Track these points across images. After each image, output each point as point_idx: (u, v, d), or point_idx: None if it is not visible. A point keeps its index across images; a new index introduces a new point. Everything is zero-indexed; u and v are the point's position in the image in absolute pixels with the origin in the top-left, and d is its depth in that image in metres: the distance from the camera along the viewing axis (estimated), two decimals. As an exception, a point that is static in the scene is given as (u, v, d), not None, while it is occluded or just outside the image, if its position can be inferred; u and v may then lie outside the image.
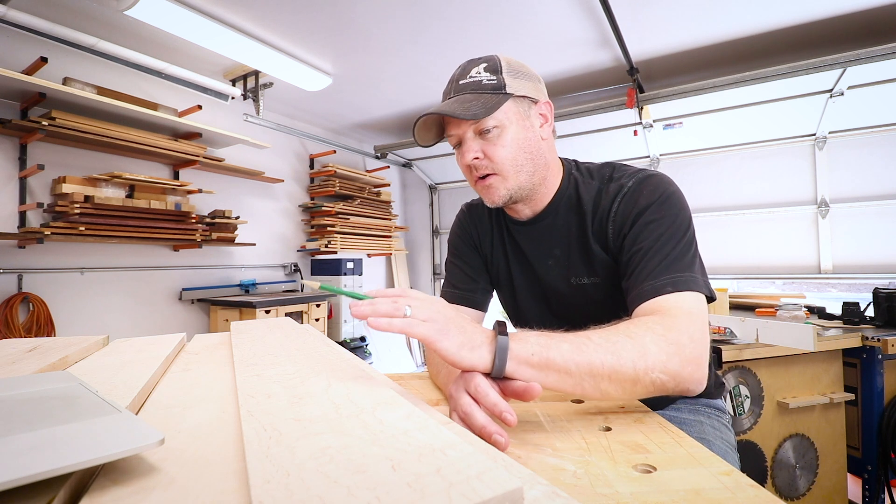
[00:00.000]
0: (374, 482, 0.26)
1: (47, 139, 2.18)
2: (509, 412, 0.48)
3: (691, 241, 0.71)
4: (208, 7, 2.12)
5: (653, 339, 0.56)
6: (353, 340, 3.43)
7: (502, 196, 0.79)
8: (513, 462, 0.34)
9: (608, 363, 0.53)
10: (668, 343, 0.56)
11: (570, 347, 0.53)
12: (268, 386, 0.46)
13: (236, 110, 3.07)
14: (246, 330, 0.81)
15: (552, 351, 0.52)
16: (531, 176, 0.79)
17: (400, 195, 4.85)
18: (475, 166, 0.77)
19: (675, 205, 0.73)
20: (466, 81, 0.76)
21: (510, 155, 0.76)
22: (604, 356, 0.53)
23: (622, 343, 0.55)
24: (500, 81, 0.75)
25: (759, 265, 3.17)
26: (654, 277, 0.66)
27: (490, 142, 0.76)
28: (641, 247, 0.71)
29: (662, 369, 0.55)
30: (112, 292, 2.51)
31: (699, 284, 0.66)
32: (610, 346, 0.54)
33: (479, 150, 0.76)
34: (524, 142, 0.77)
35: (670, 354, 0.55)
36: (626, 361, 0.54)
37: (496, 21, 2.31)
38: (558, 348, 0.53)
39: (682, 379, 0.56)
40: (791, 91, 2.70)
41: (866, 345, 1.76)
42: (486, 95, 0.74)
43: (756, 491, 0.38)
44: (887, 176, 2.78)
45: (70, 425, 0.32)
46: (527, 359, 0.51)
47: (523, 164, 0.78)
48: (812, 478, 1.75)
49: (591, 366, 0.53)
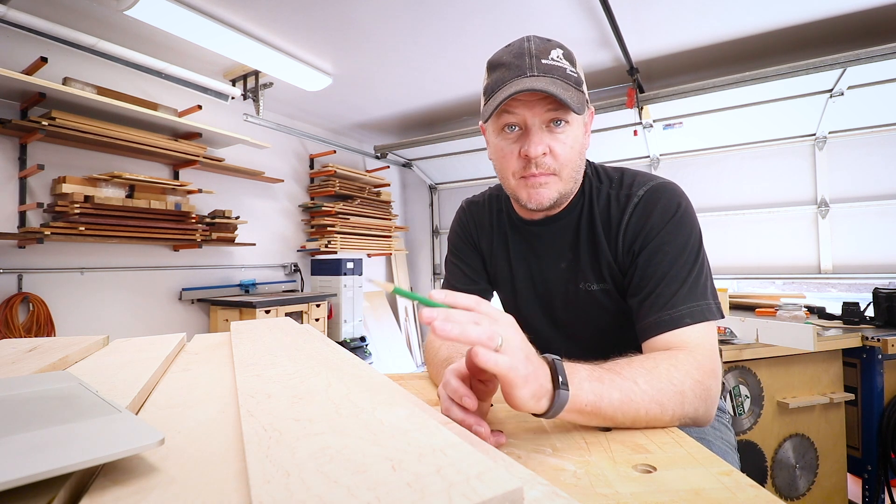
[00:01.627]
0: (374, 482, 0.26)
1: (47, 139, 2.18)
2: (467, 396, 0.48)
3: (703, 261, 0.71)
4: (208, 7, 2.12)
5: (691, 387, 0.57)
6: (353, 340, 3.43)
7: (552, 199, 0.74)
8: (513, 462, 0.34)
9: (652, 413, 0.54)
10: (702, 390, 0.58)
11: (620, 398, 0.53)
12: (268, 386, 0.46)
13: (236, 110, 3.07)
14: (246, 330, 0.81)
15: (604, 401, 0.52)
16: (576, 184, 0.77)
17: (400, 195, 4.85)
18: (539, 162, 0.71)
19: (687, 224, 0.72)
20: (551, 64, 0.69)
21: (573, 157, 0.73)
22: (650, 405, 0.54)
23: (666, 390, 0.55)
24: (579, 77, 0.71)
25: (759, 265, 3.17)
26: (672, 307, 0.67)
27: (558, 138, 0.71)
28: (656, 271, 0.70)
29: (693, 416, 0.58)
30: (112, 292, 2.51)
31: (713, 312, 0.67)
32: (655, 393, 0.55)
33: (546, 145, 0.70)
34: (580, 146, 0.74)
35: (701, 400, 0.58)
36: (667, 410, 0.55)
37: (496, 21, 2.32)
38: (609, 398, 0.52)
39: (701, 420, 0.59)
40: (791, 91, 2.70)
41: (866, 345, 1.76)
42: (573, 89, 0.69)
43: (756, 491, 0.38)
44: (887, 176, 2.78)
45: (70, 425, 0.32)
46: (580, 409, 0.51)
47: (576, 168, 0.75)
48: (812, 478, 1.75)
49: (637, 414, 0.54)
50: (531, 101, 0.69)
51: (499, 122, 0.73)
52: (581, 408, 0.51)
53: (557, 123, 0.70)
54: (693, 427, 0.61)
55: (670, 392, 0.55)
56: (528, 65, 0.69)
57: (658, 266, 0.70)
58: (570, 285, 0.83)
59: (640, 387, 0.54)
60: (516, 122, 0.71)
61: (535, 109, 0.69)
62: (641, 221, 0.74)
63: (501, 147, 0.74)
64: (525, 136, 0.71)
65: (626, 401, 0.53)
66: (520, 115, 0.70)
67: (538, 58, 0.69)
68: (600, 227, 0.79)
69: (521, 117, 0.70)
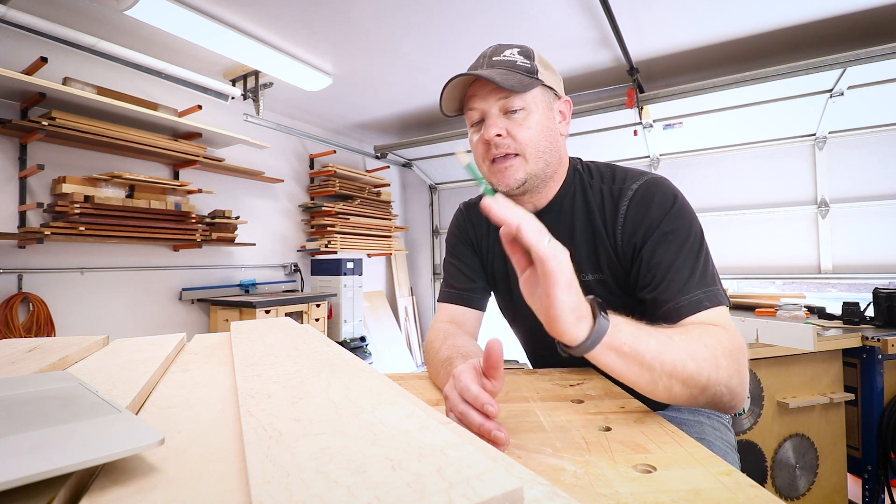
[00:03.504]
0: (374, 482, 0.26)
1: (47, 139, 2.18)
2: (490, 404, 0.48)
3: (707, 250, 0.72)
4: (208, 7, 2.12)
5: (724, 353, 0.57)
6: (353, 340, 3.43)
7: (518, 180, 0.77)
8: (513, 462, 0.34)
9: (689, 368, 0.54)
10: (733, 360, 0.58)
11: (658, 345, 0.53)
12: (268, 386, 0.46)
13: (236, 110, 3.07)
14: (246, 330, 0.81)
15: (642, 343, 0.52)
16: (547, 166, 0.79)
17: (400, 195, 4.85)
18: (496, 143, 0.75)
19: (686, 214, 0.74)
20: (500, 59, 0.76)
21: (534, 137, 0.76)
22: (686, 360, 0.54)
23: (700, 351, 0.55)
24: (533, 67, 0.76)
25: (759, 265, 3.17)
26: (688, 292, 0.67)
27: (515, 122, 0.75)
28: (663, 259, 0.71)
29: (727, 383, 0.56)
30: (112, 292, 2.51)
31: (725, 298, 0.68)
32: (691, 351, 0.55)
33: (502, 128, 0.75)
34: (547, 130, 0.77)
35: (733, 372, 0.57)
36: (703, 370, 0.54)
37: (496, 21, 2.31)
38: (647, 342, 0.52)
39: (737, 396, 0.58)
40: (791, 91, 2.70)
41: (866, 345, 1.76)
42: (520, 75, 0.74)
43: (756, 491, 0.38)
44: (887, 176, 2.78)
45: (70, 425, 0.32)
46: (618, 346, 0.51)
47: (544, 150, 0.78)
48: (812, 478, 1.75)
49: (674, 367, 0.53)
50: (484, 93, 0.76)
51: (468, 120, 0.80)
52: (619, 346, 0.50)
53: (514, 111, 0.75)
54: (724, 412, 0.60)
55: (705, 354, 0.55)
56: (480, 64, 0.78)
57: (665, 255, 0.71)
58: None
59: (674, 341, 0.54)
60: (478, 116, 0.78)
61: (489, 100, 0.75)
62: (640, 214, 0.75)
63: (472, 140, 0.81)
64: (485, 124, 0.78)
65: (664, 350, 0.53)
66: (478, 109, 0.77)
67: (490, 57, 0.77)
68: (598, 218, 0.80)
69: (479, 110, 0.77)
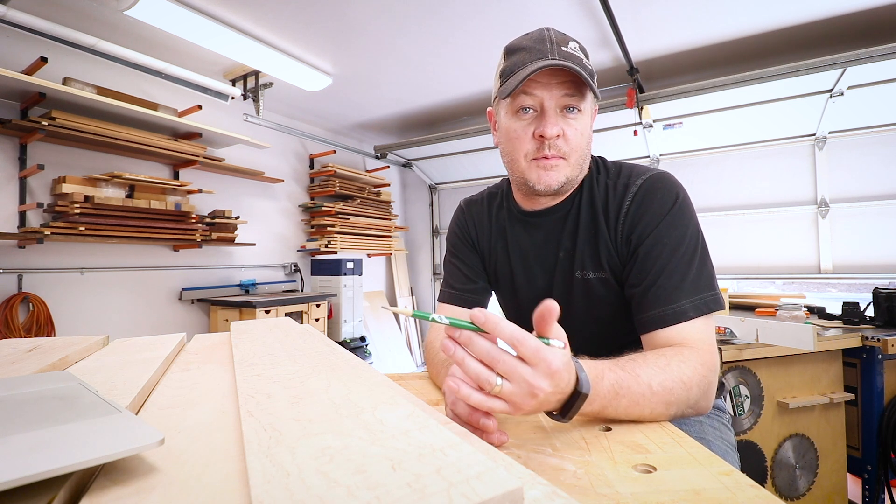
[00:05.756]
0: (374, 482, 0.26)
1: (47, 139, 2.18)
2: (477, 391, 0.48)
3: (703, 251, 0.72)
4: (208, 7, 2.12)
5: (698, 383, 0.61)
6: (353, 340, 3.43)
7: (560, 182, 0.75)
8: (513, 462, 0.34)
9: (656, 412, 0.57)
10: (706, 384, 0.62)
11: (628, 403, 0.55)
12: (268, 386, 0.46)
13: (236, 110, 3.07)
14: (246, 330, 0.81)
15: (609, 409, 0.54)
16: (582, 172, 0.79)
17: (400, 195, 4.85)
18: (552, 143, 0.73)
19: (685, 215, 0.73)
20: (570, 52, 0.71)
21: (582, 143, 0.75)
22: (654, 407, 0.56)
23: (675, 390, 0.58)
24: (592, 70, 0.74)
25: (759, 265, 3.17)
26: (675, 301, 0.68)
27: (570, 124, 0.73)
28: (655, 263, 0.71)
29: (695, 407, 0.62)
30: (112, 292, 2.51)
31: (715, 303, 0.69)
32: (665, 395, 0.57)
33: (560, 127, 0.72)
34: (589, 136, 0.77)
35: (703, 393, 0.62)
36: (671, 409, 0.58)
37: (496, 21, 2.32)
38: (616, 406, 0.54)
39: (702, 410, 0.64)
40: (791, 91, 2.70)
41: (866, 345, 1.76)
42: (586, 78, 0.71)
43: (756, 491, 0.38)
44: (887, 176, 2.78)
45: (70, 425, 0.32)
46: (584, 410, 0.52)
47: (585, 156, 0.77)
48: (812, 478, 1.75)
49: (641, 415, 0.56)
50: (549, 84, 0.71)
51: (514, 104, 0.74)
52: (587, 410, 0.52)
53: (570, 110, 0.72)
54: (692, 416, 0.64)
55: (679, 391, 0.58)
56: (550, 49, 0.71)
57: (657, 259, 0.71)
58: (567, 274, 0.83)
59: (652, 390, 0.56)
60: (532, 105, 0.73)
61: (553, 92, 0.71)
62: (640, 212, 0.75)
63: (515, 129, 0.75)
64: (541, 118, 0.72)
65: (633, 405, 0.55)
66: (537, 97, 0.72)
67: (558, 45, 0.71)
68: (601, 215, 0.79)
69: (539, 99, 0.72)
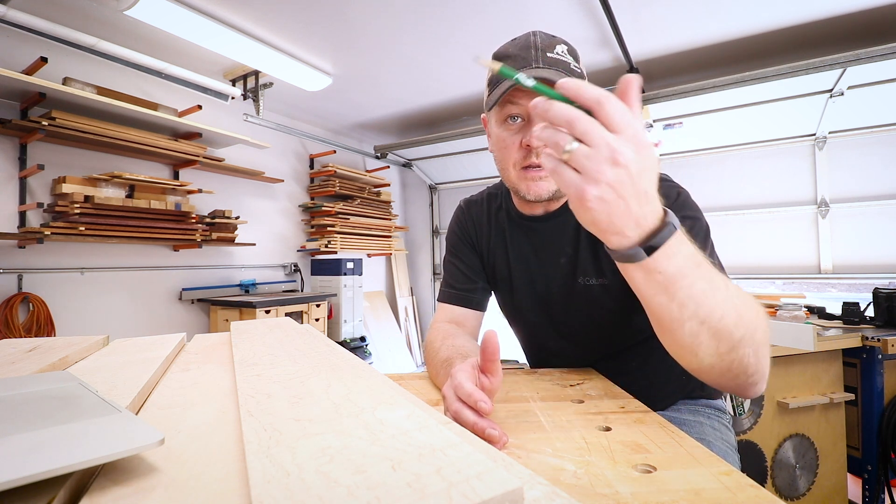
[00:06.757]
0: (374, 482, 0.26)
1: (47, 139, 2.18)
2: (483, 401, 0.48)
3: (713, 245, 0.71)
4: (208, 7, 2.12)
5: (763, 316, 0.52)
6: (353, 340, 3.43)
7: (550, 191, 0.75)
8: (513, 462, 0.34)
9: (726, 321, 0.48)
10: (765, 329, 0.53)
11: (705, 286, 0.46)
12: (268, 386, 0.46)
13: (236, 110, 3.07)
14: (246, 330, 0.81)
15: (685, 281, 0.46)
16: None
17: (400, 195, 4.85)
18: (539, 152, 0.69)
19: (691, 206, 0.73)
20: (555, 57, 0.70)
21: None
22: (726, 310, 0.48)
23: (744, 305, 0.50)
24: (582, 73, 0.72)
25: (759, 265, 3.17)
26: None
27: None
28: None
29: (756, 350, 0.51)
30: (112, 292, 2.51)
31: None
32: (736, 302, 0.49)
33: None
34: None
35: (763, 340, 0.52)
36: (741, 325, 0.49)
37: (496, 21, 2.31)
38: (692, 281, 0.46)
39: (761, 369, 0.53)
40: (791, 91, 2.70)
41: (866, 345, 1.76)
42: None
43: (756, 491, 0.38)
44: (887, 176, 2.78)
45: (70, 425, 0.32)
46: (654, 271, 0.45)
47: None
48: (812, 478, 1.75)
49: (711, 311, 0.47)
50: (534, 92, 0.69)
51: (502, 113, 0.74)
52: (654, 272, 0.45)
53: None
54: (741, 391, 0.55)
55: (749, 311, 0.50)
56: (534, 57, 0.70)
57: None
58: (568, 280, 0.83)
59: (726, 288, 0.49)
60: (519, 113, 0.72)
61: None
62: None
63: (503, 138, 0.75)
64: (527, 127, 0.72)
65: (708, 293, 0.47)
66: (522, 106, 0.71)
67: (544, 51, 0.70)
68: None
69: (524, 108, 0.71)
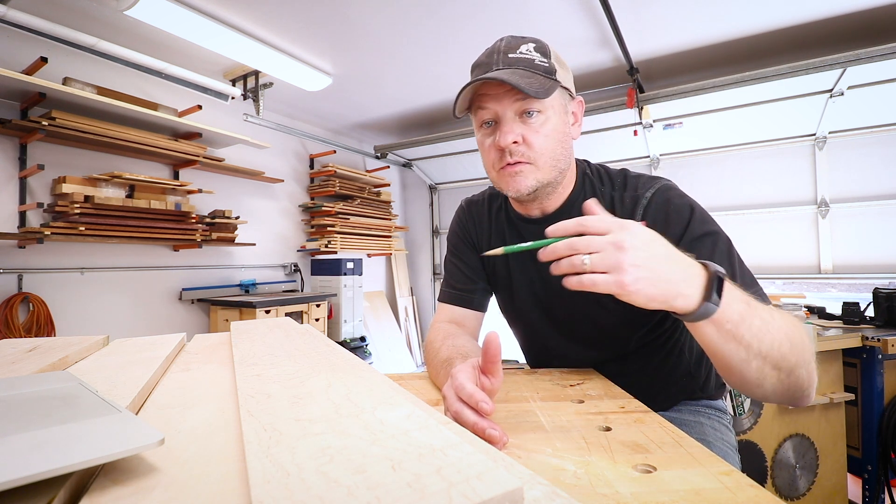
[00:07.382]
0: (374, 482, 0.26)
1: (47, 139, 2.18)
2: (484, 401, 0.48)
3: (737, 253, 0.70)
4: (208, 7, 2.12)
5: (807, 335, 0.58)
6: (353, 340, 3.43)
7: (530, 187, 0.74)
8: (513, 462, 0.34)
9: (783, 350, 0.54)
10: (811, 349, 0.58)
11: (761, 325, 0.54)
12: (268, 386, 0.46)
13: (236, 110, 3.07)
14: (246, 330, 0.81)
15: (744, 324, 0.53)
16: (560, 173, 0.77)
17: (400, 195, 4.85)
18: (511, 150, 0.72)
19: (708, 219, 0.72)
20: (517, 56, 0.71)
21: (549, 145, 0.73)
22: (783, 341, 0.55)
23: (794, 332, 0.56)
24: (551, 66, 0.72)
25: (759, 265, 3.17)
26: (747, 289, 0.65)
27: (531, 127, 0.72)
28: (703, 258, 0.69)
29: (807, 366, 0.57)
30: (112, 292, 2.51)
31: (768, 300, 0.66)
32: (787, 331, 0.55)
33: (519, 134, 0.71)
34: (562, 135, 0.75)
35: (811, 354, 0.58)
36: (794, 352, 0.55)
37: (495, 21, 2.31)
38: (751, 322, 0.53)
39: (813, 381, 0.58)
40: (791, 91, 2.70)
41: (866, 345, 1.76)
42: (540, 77, 0.70)
43: (756, 491, 0.38)
44: (887, 176, 2.78)
45: (70, 425, 0.32)
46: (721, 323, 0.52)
47: (558, 157, 0.75)
48: (812, 478, 1.75)
49: (771, 349, 0.54)
50: (499, 94, 0.71)
51: (477, 120, 0.76)
52: (722, 323, 0.52)
53: (530, 114, 0.71)
54: (796, 401, 0.60)
55: (797, 335, 0.56)
56: (495, 61, 0.72)
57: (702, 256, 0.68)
58: None
59: (775, 321, 0.55)
60: (490, 117, 0.74)
61: (504, 102, 0.71)
62: (661, 224, 0.71)
63: (481, 142, 0.78)
64: (497, 129, 0.74)
65: (765, 330, 0.54)
66: (491, 110, 0.73)
67: (505, 53, 0.72)
68: None
69: (493, 111, 0.73)
